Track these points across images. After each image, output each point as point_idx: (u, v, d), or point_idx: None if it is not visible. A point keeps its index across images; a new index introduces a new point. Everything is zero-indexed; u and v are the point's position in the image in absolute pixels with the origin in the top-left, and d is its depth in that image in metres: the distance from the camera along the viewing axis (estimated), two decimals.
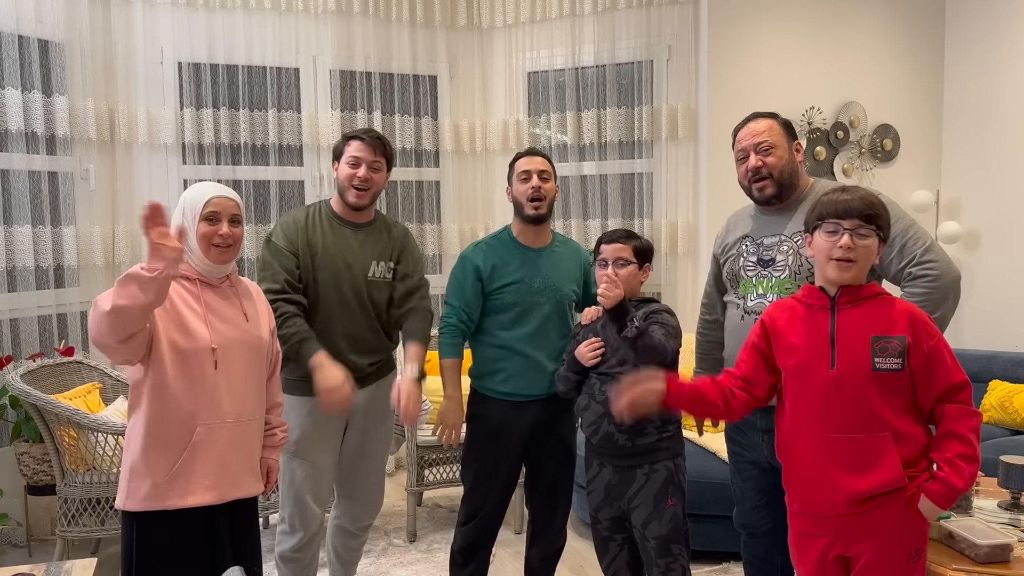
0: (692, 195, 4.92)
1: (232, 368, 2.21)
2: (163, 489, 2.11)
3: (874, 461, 1.97)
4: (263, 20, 4.71)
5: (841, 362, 1.99)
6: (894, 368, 1.95)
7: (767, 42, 4.91)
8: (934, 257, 2.34)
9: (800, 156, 2.55)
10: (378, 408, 2.95)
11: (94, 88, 4.34)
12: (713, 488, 3.39)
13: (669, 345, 2.46)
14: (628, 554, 2.65)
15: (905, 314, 1.97)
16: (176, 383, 2.12)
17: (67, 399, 3.54)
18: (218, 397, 2.17)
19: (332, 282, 2.76)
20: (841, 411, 2.00)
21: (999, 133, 4.98)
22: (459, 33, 5.21)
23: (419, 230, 5.19)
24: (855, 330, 1.99)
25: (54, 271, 4.22)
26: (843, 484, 2.00)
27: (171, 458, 2.12)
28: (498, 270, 2.85)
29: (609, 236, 2.63)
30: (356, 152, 2.75)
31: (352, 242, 2.82)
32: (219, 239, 2.21)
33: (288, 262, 2.71)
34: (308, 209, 2.84)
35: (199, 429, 2.15)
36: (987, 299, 5.01)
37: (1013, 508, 2.55)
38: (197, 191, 2.24)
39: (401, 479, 4.86)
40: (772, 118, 2.55)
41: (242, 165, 4.72)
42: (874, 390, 1.96)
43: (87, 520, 3.44)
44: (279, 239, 2.75)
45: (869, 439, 1.97)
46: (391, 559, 3.76)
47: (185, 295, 2.18)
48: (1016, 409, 4.26)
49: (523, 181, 2.85)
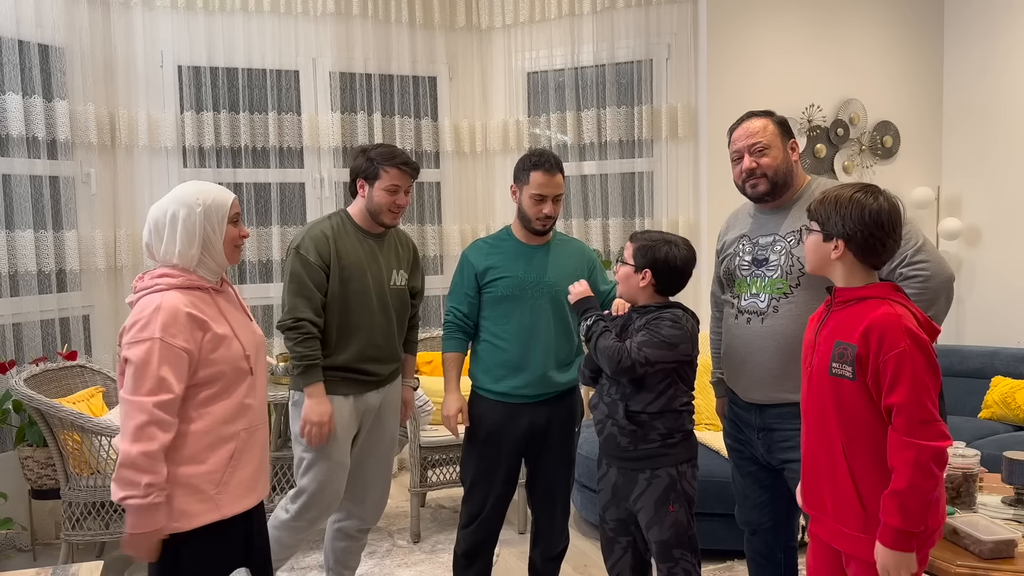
0: (692, 194, 4.92)
1: (260, 371, 2.22)
2: (216, 500, 2.06)
3: (831, 466, 1.96)
4: (262, 23, 4.71)
5: (815, 362, 2.00)
6: (847, 376, 1.89)
7: (766, 40, 4.92)
8: (926, 257, 2.31)
9: (796, 155, 2.53)
10: (387, 410, 3.01)
11: (95, 92, 4.35)
12: (716, 486, 3.39)
13: (626, 352, 2.41)
14: (632, 557, 2.63)
15: (867, 322, 1.86)
16: (220, 397, 2.09)
17: (70, 403, 3.55)
18: (254, 401, 2.18)
19: (362, 293, 2.83)
20: (811, 412, 2.02)
21: (999, 129, 4.98)
22: (458, 34, 5.21)
23: (420, 231, 5.19)
24: (832, 332, 1.96)
25: (56, 275, 4.22)
26: (819, 485, 2.01)
27: (220, 469, 2.08)
28: (493, 267, 2.87)
29: (635, 233, 2.61)
30: (397, 180, 2.83)
31: (376, 253, 2.90)
32: (241, 240, 2.22)
33: (320, 278, 2.78)
34: (331, 221, 2.88)
35: (242, 434, 2.13)
36: (989, 295, 5.01)
37: (1017, 504, 2.55)
38: (214, 193, 2.14)
39: (404, 480, 4.86)
40: (767, 117, 2.52)
41: (243, 168, 4.72)
42: (831, 395, 1.94)
43: (91, 524, 3.44)
44: (310, 253, 2.77)
45: (826, 443, 1.97)
46: (395, 560, 3.77)
47: (207, 309, 2.09)
48: (1019, 405, 4.26)
49: (536, 202, 2.83)
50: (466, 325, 2.92)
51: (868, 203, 1.90)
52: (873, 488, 1.89)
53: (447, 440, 4.01)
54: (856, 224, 1.90)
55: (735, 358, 2.56)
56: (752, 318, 2.48)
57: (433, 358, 4.51)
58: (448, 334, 2.94)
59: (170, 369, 1.97)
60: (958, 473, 2.57)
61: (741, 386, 2.57)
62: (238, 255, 2.24)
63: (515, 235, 2.93)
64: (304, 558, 3.74)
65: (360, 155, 2.88)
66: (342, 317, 2.81)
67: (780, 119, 2.54)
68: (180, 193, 2.12)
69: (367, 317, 2.84)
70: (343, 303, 2.80)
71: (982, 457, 2.68)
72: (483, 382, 2.91)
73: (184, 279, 2.08)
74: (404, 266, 3.01)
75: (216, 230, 2.12)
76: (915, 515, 1.80)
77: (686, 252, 2.53)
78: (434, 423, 4.16)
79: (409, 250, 3.07)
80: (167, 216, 2.09)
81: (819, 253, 2.00)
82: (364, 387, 2.88)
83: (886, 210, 1.91)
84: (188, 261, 2.09)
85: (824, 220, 1.96)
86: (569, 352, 2.91)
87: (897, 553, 1.81)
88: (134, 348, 1.97)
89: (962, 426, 4.20)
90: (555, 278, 2.87)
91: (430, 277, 5.20)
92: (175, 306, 2.00)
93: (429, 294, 5.20)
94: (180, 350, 1.98)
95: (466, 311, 2.90)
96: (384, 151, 2.85)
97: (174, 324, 1.98)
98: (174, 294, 2.03)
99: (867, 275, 1.97)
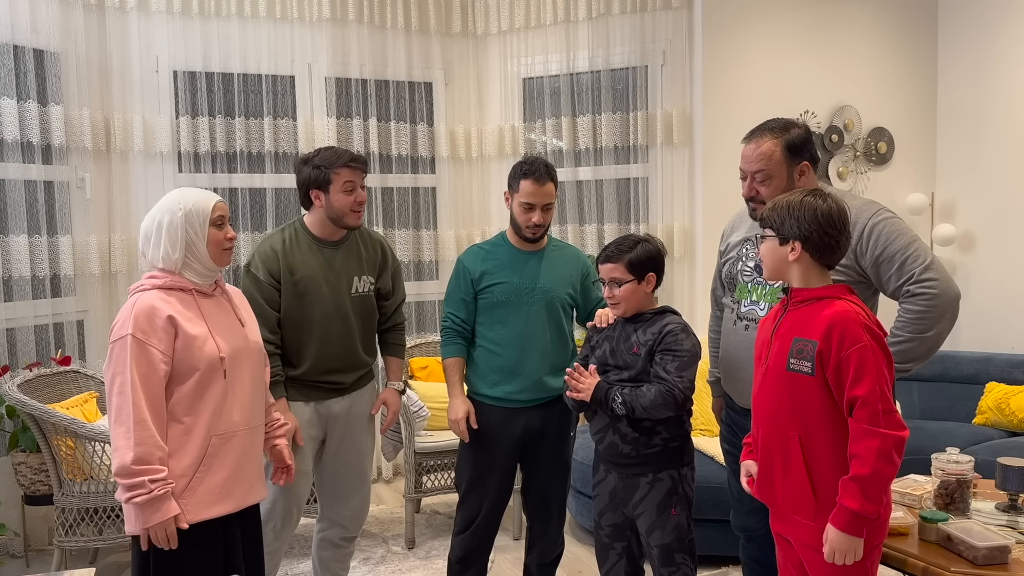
0: (688, 199, 4.92)
1: (239, 376, 2.22)
2: (182, 505, 2.09)
3: (785, 458, 2.03)
4: (258, 28, 4.71)
5: (771, 360, 2.07)
6: (805, 371, 1.97)
7: (761, 47, 4.93)
8: (934, 276, 2.30)
9: (804, 178, 2.43)
10: (357, 418, 2.97)
11: (90, 97, 4.34)
12: (710, 492, 3.39)
13: (673, 389, 2.38)
14: (627, 563, 2.63)
15: (826, 320, 1.94)
16: (190, 399, 2.13)
17: (64, 408, 3.53)
18: (229, 407, 2.18)
19: (317, 305, 2.79)
20: (765, 408, 2.09)
21: (993, 135, 5.00)
22: (454, 40, 5.22)
23: (415, 236, 5.19)
24: (789, 330, 2.04)
25: (51, 280, 4.21)
26: (771, 479, 2.09)
27: (188, 473, 2.11)
28: (488, 272, 2.88)
29: (603, 254, 2.54)
30: (350, 178, 2.77)
31: (333, 262, 2.84)
32: (228, 242, 2.25)
33: (271, 294, 2.75)
34: (284, 233, 2.84)
35: (213, 440, 2.15)
36: (983, 301, 5.02)
37: (1011, 510, 2.55)
38: (194, 198, 2.22)
39: (399, 486, 4.85)
40: (780, 137, 2.42)
41: (238, 173, 4.72)
42: (787, 390, 2.02)
43: (85, 530, 3.42)
44: (259, 271, 2.75)
45: (780, 437, 2.04)
46: (389, 566, 3.76)
47: (184, 311, 2.16)
48: (1013, 411, 4.27)
49: (526, 210, 2.83)
50: (464, 330, 2.92)
51: (819, 205, 2.01)
52: (827, 479, 1.97)
53: (442, 446, 4.01)
54: (811, 224, 1.99)
55: (732, 364, 2.56)
56: (751, 325, 2.48)
57: (429, 363, 4.51)
58: (447, 340, 2.94)
59: (144, 364, 2.06)
60: (952, 479, 2.57)
61: (738, 391, 2.57)
62: (227, 257, 2.26)
63: (510, 241, 2.93)
64: (297, 564, 3.73)
65: (303, 166, 2.80)
66: (297, 331, 2.78)
67: (792, 142, 2.42)
68: (165, 201, 2.22)
69: (323, 328, 2.80)
70: (298, 316, 2.77)
71: (976, 463, 2.68)
72: (479, 387, 2.92)
73: (167, 280, 2.17)
74: (370, 270, 2.93)
75: (198, 233, 2.19)
76: (873, 500, 1.89)
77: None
78: (429, 429, 4.15)
79: (376, 252, 2.97)
80: (154, 224, 2.19)
81: (776, 257, 2.07)
82: (326, 394, 2.85)
83: (836, 210, 2.01)
84: (173, 264, 2.18)
85: (779, 225, 2.05)
86: (564, 357, 2.91)
87: (849, 537, 1.90)
88: (113, 346, 2.09)
89: (956, 432, 4.20)
90: (550, 284, 2.88)
91: (426, 283, 5.22)
92: (149, 304, 2.10)
93: (425, 299, 5.22)
94: (151, 346, 2.07)
95: (463, 316, 2.91)
96: (327, 155, 2.78)
97: (146, 321, 2.07)
98: (152, 293, 2.13)
99: (822, 276, 2.05)
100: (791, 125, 2.46)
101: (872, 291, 2.43)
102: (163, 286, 2.16)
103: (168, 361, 2.09)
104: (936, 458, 2.64)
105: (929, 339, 2.31)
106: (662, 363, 2.43)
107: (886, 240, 2.33)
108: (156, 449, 2.04)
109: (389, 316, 3.06)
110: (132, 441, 2.01)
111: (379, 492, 4.87)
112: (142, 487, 2.01)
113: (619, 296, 2.50)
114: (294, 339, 2.79)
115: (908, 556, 2.34)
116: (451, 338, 2.93)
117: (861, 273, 2.37)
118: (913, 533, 2.45)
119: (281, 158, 4.83)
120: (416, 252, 5.21)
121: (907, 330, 2.31)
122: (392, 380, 3.10)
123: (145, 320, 2.07)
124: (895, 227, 2.35)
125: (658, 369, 2.43)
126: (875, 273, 2.36)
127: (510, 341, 2.85)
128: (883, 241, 2.33)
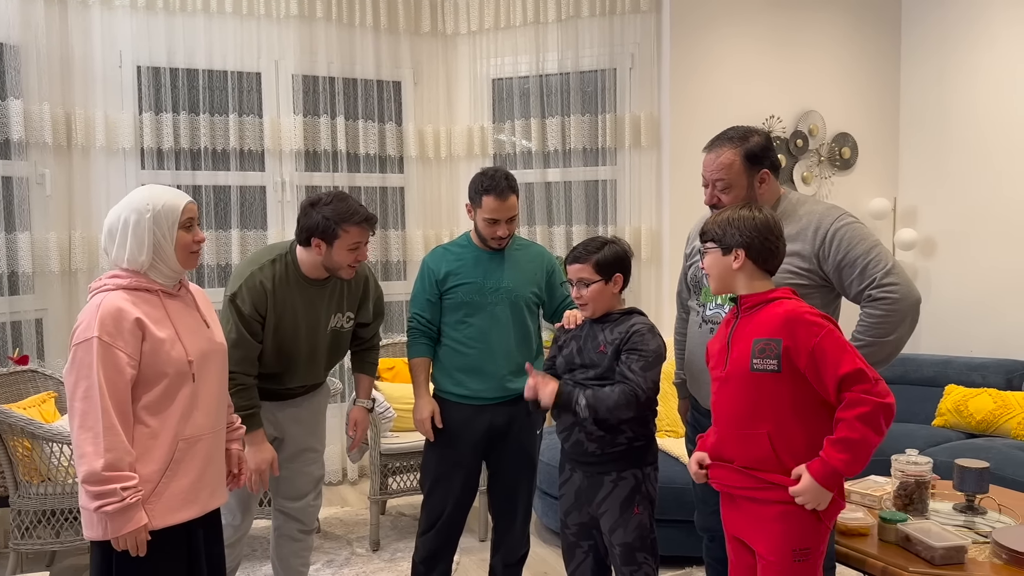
0: (655, 202, 4.95)
1: (206, 380, 2.18)
2: (148, 510, 2.03)
3: (753, 453, 2.08)
4: (224, 24, 4.65)
5: (730, 364, 2.12)
6: (771, 369, 2.04)
7: (728, 51, 4.97)
8: (895, 280, 2.32)
9: (764, 185, 2.44)
10: (313, 415, 2.98)
11: (50, 92, 4.26)
12: (674, 493, 3.41)
13: (636, 389, 2.41)
14: (593, 562, 2.65)
15: (782, 317, 2.04)
16: (157, 403, 2.07)
17: (21, 408, 3.46)
18: (195, 410, 2.13)
19: (293, 341, 2.77)
20: (727, 408, 2.15)
21: (955, 141, 5.09)
22: (423, 39, 5.20)
23: (383, 236, 5.16)
24: (746, 334, 2.10)
25: (8, 278, 4.13)
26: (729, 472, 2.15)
27: (154, 479, 2.06)
28: (452, 273, 2.89)
29: (571, 255, 2.55)
30: (358, 238, 2.70)
31: (317, 301, 2.81)
32: (196, 245, 2.19)
33: (255, 329, 2.70)
34: (275, 267, 2.73)
35: (180, 444, 2.10)
36: (943, 305, 5.11)
37: (968, 511, 2.60)
38: (164, 198, 2.14)
39: (364, 487, 4.82)
40: (739, 146, 2.42)
41: (202, 170, 4.66)
42: (752, 389, 2.07)
43: (42, 532, 3.36)
44: (245, 304, 2.67)
45: (748, 434, 2.09)
46: (354, 568, 3.73)
47: (152, 312, 2.09)
48: (971, 413, 4.35)
49: (490, 224, 2.83)
50: (430, 330, 2.93)
51: (755, 215, 2.14)
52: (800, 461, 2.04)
53: (408, 447, 3.99)
54: (752, 232, 2.11)
55: (697, 366, 2.58)
56: (715, 328, 2.50)
57: (395, 364, 4.49)
58: (413, 340, 2.95)
59: (111, 368, 1.99)
60: (911, 480, 2.61)
61: (703, 394, 2.59)
62: (194, 260, 2.21)
63: (474, 242, 2.94)
64: (261, 567, 3.69)
65: (312, 210, 2.68)
66: (273, 357, 2.76)
67: (751, 151, 2.42)
68: (133, 198, 2.14)
69: (290, 358, 2.78)
70: (269, 346, 2.74)
71: (935, 464, 2.73)
72: (444, 384, 2.93)
73: (131, 280, 2.10)
74: (351, 306, 2.90)
75: (167, 236, 2.12)
76: (858, 463, 1.97)
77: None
78: (395, 430, 4.13)
79: (359, 287, 2.92)
80: (120, 221, 2.11)
81: (720, 267, 2.16)
82: (280, 398, 2.85)
83: (771, 219, 2.15)
84: (139, 266, 2.11)
85: (720, 236, 2.15)
86: (529, 356, 2.92)
87: (822, 489, 1.98)
88: (76, 349, 2.01)
89: (916, 433, 4.27)
90: (514, 284, 2.89)
91: (395, 283, 5.19)
92: (115, 305, 2.03)
93: (392, 299, 5.19)
94: (118, 350, 2.00)
95: (429, 317, 2.92)
96: (340, 209, 2.66)
97: (112, 323, 2.01)
98: (117, 294, 2.06)
99: (766, 281, 2.15)
100: (751, 133, 2.46)
101: (834, 295, 2.46)
102: (128, 286, 2.08)
103: (135, 365, 2.03)
104: (896, 459, 2.69)
105: (890, 343, 2.34)
106: (627, 362, 2.45)
107: (848, 245, 2.35)
108: (126, 455, 1.98)
109: (367, 340, 3.06)
110: (102, 447, 1.94)
111: (344, 494, 4.84)
112: (113, 495, 1.95)
113: (587, 296, 2.52)
114: (269, 362, 2.76)
115: (867, 556, 2.38)
116: (417, 338, 2.94)
117: (824, 277, 2.40)
118: (872, 534, 2.49)
119: (246, 155, 4.78)
120: (384, 252, 5.18)
121: (869, 334, 2.34)
122: (361, 398, 3.06)
123: (112, 322, 2.00)
124: (857, 232, 2.38)
125: (623, 368, 2.45)
126: (837, 277, 2.38)
127: (475, 340, 2.86)
128: (845, 246, 2.36)
